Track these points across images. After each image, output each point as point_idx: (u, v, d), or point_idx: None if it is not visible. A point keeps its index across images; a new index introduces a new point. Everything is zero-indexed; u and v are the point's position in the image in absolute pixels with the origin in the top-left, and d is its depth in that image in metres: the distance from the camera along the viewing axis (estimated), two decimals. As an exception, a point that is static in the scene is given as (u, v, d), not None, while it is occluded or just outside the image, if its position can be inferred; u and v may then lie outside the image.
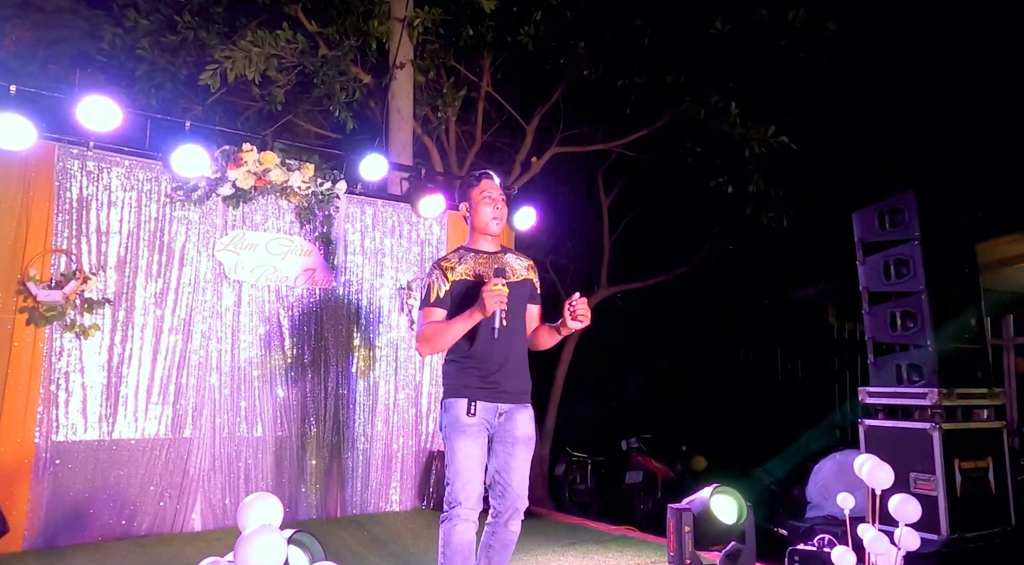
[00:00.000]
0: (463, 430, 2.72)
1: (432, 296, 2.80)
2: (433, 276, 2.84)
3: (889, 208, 4.67)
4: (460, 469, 2.67)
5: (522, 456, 2.79)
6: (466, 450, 2.70)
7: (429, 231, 5.85)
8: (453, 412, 2.75)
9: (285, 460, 5.02)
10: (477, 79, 6.98)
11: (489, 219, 2.85)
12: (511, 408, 2.81)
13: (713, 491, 3.09)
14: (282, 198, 5.06)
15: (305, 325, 5.19)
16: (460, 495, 2.65)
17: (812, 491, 5.06)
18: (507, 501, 2.75)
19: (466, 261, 2.85)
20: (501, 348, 2.79)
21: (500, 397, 2.78)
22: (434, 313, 2.80)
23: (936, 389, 4.29)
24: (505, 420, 2.80)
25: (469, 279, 2.81)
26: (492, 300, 2.56)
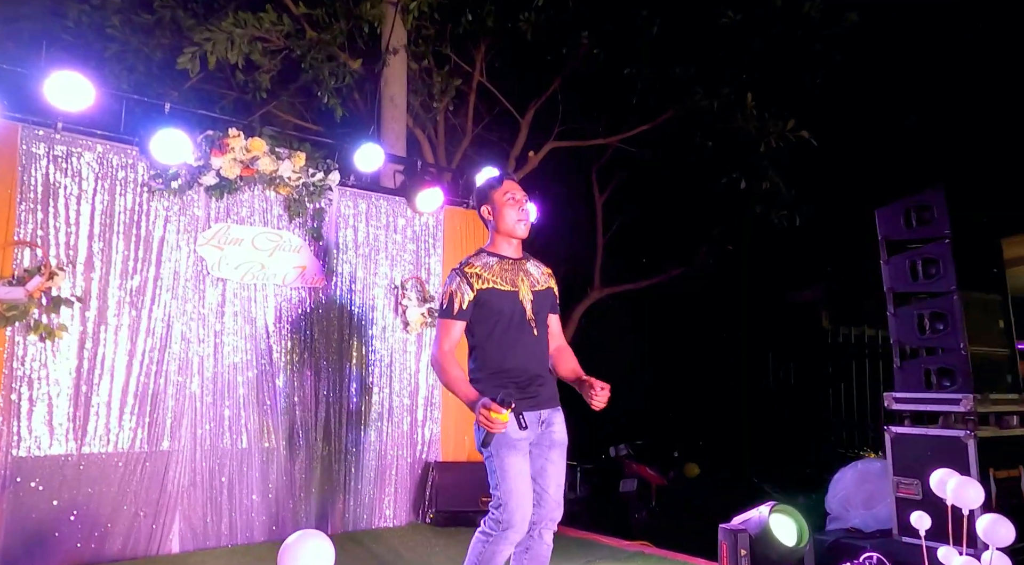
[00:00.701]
0: (514, 445, 2.54)
1: (455, 307, 2.62)
2: (455, 284, 2.65)
3: (916, 205, 4.47)
4: (514, 487, 2.50)
5: (559, 461, 2.67)
6: (518, 466, 2.53)
7: (425, 227, 5.50)
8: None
9: (272, 474, 4.62)
10: (470, 69, 6.66)
11: (515, 222, 2.69)
12: (550, 413, 2.69)
13: (771, 510, 2.81)
14: (270, 189, 4.67)
15: (294, 327, 4.80)
16: (515, 517, 2.49)
17: (832, 502, 4.84)
18: (543, 509, 2.62)
19: (491, 268, 2.68)
20: (535, 359, 2.69)
21: (542, 404, 2.65)
22: (455, 327, 2.64)
23: (971, 395, 4.09)
24: (546, 425, 2.67)
25: (497, 288, 2.64)
26: (486, 424, 2.39)
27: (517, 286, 2.66)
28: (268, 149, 4.50)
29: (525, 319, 2.64)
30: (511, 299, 2.63)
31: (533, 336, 2.65)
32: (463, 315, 2.61)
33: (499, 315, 2.61)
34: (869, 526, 4.52)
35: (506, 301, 2.62)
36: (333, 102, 5.45)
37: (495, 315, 2.61)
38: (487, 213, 2.73)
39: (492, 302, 2.61)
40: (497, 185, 2.72)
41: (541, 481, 2.61)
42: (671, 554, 4.38)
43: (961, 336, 4.18)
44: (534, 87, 6.82)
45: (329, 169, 4.78)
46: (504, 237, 2.72)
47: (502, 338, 2.60)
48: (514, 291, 2.65)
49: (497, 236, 2.74)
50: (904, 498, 4.33)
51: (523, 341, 2.62)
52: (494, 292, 2.62)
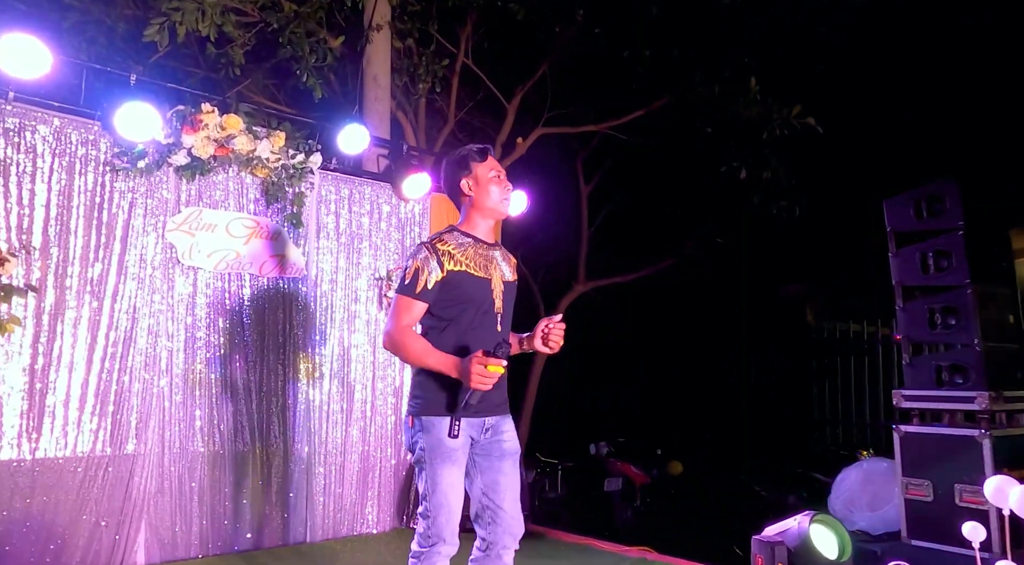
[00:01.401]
0: (448, 455, 2.27)
1: (418, 284, 2.30)
2: (422, 258, 2.33)
3: (927, 196, 4.32)
4: (444, 501, 2.25)
5: (511, 472, 2.40)
6: (451, 478, 2.27)
7: (410, 214, 5.20)
8: (434, 434, 2.28)
9: (247, 478, 4.29)
10: (455, 50, 6.34)
11: (499, 200, 2.44)
12: (497, 420, 2.40)
13: (811, 521, 2.59)
14: (247, 171, 4.31)
15: (272, 320, 4.46)
16: (445, 531, 2.25)
17: (835, 502, 4.68)
18: (500, 527, 2.34)
19: (465, 249, 2.39)
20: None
21: (487, 410, 2.34)
22: (415, 307, 2.33)
23: (986, 392, 3.95)
24: (492, 434, 2.38)
25: (470, 272, 2.36)
26: (480, 381, 2.10)
27: (490, 274, 2.40)
28: (245, 127, 4.14)
29: (493, 311, 2.38)
30: (483, 287, 2.37)
31: (496, 331, 2.38)
32: (426, 295, 2.31)
33: (467, 303, 2.33)
34: (876, 529, 4.37)
35: (477, 288, 2.35)
36: (312, 81, 5.09)
37: (462, 302, 2.33)
38: (467, 187, 2.43)
39: (462, 287, 2.33)
40: (480, 159, 2.44)
41: (494, 496, 2.34)
42: (675, 560, 4.16)
43: (975, 331, 4.04)
44: (522, 71, 6.53)
45: (311, 150, 4.45)
46: (483, 216, 2.45)
47: (464, 328, 2.33)
48: (487, 279, 2.39)
49: (474, 213, 2.45)
50: (913, 499, 4.18)
51: (483, 336, 2.33)
52: (466, 276, 2.34)
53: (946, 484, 4.04)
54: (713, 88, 5.43)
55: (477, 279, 2.35)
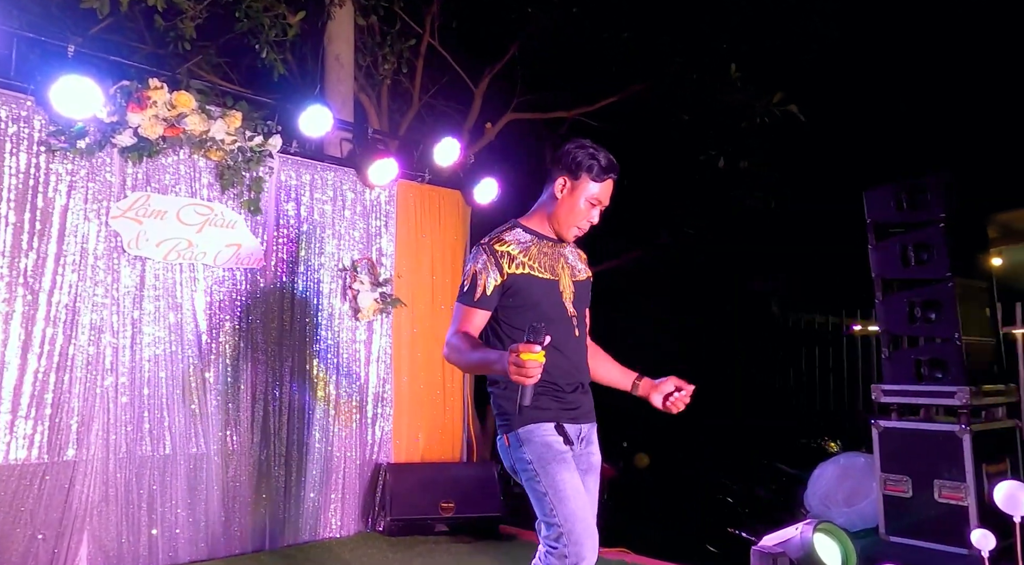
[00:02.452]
0: (560, 457, 2.05)
1: (477, 292, 2.11)
2: (480, 262, 2.13)
3: (909, 187, 4.25)
4: (576, 509, 1.99)
5: (593, 488, 2.23)
6: (575, 483, 2.03)
7: (375, 202, 4.93)
8: (541, 439, 2.07)
9: (201, 483, 4.00)
10: (420, 30, 6.06)
11: (572, 224, 2.19)
12: (589, 428, 2.25)
13: (814, 530, 2.46)
14: (200, 154, 3.99)
15: (227, 314, 4.17)
16: (585, 547, 1.98)
17: (811, 498, 4.62)
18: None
19: (527, 247, 2.18)
20: (578, 363, 2.22)
21: (582, 417, 2.19)
22: (475, 317, 2.13)
23: (966, 387, 3.91)
24: (585, 444, 2.21)
25: (535, 275, 2.15)
26: (518, 373, 1.80)
27: (557, 274, 2.19)
28: (197, 106, 3.83)
29: (567, 315, 2.18)
30: (550, 289, 2.17)
31: (575, 336, 2.19)
32: (486, 303, 2.11)
33: (535, 308, 2.13)
34: (854, 525, 4.31)
35: (544, 291, 2.15)
36: (273, 57, 4.76)
37: (530, 305, 2.13)
38: (559, 188, 2.18)
39: (527, 291, 2.13)
40: (599, 177, 2.16)
41: None
42: (653, 562, 4.04)
43: (956, 325, 3.99)
44: (491, 53, 6.28)
45: (270, 132, 4.15)
46: (551, 222, 2.22)
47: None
48: (554, 280, 2.18)
49: (543, 215, 2.23)
50: (892, 495, 4.14)
51: (564, 341, 2.14)
52: (530, 279, 2.14)
53: (925, 480, 4.00)
54: (692, 74, 5.28)
55: (543, 281, 2.16)
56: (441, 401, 5.16)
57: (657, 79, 5.59)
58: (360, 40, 5.62)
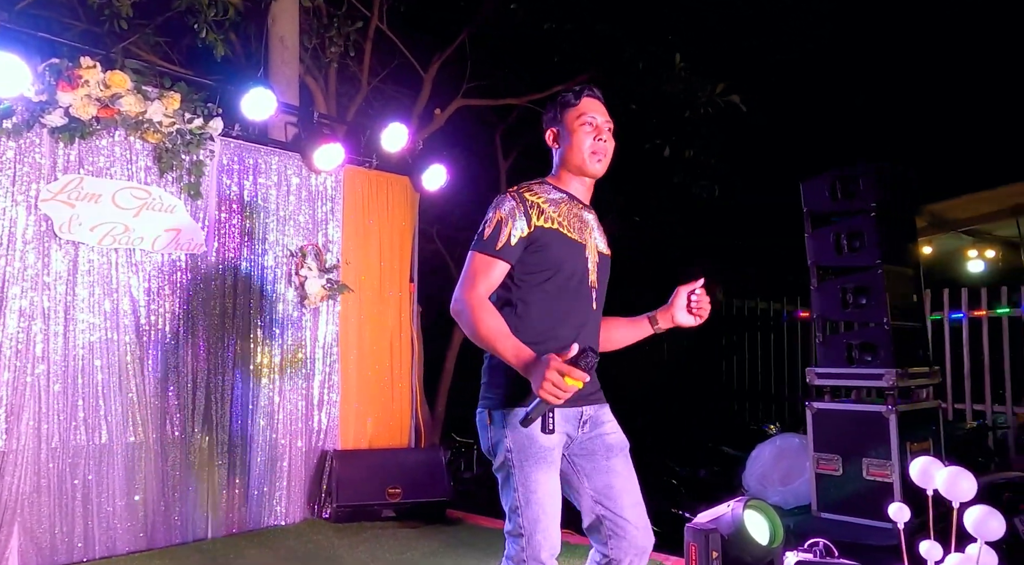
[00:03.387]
0: (543, 455, 1.85)
1: (499, 239, 1.87)
2: (507, 209, 1.91)
3: (842, 177, 4.40)
4: (541, 514, 1.83)
5: (624, 470, 1.98)
6: (549, 485, 1.85)
7: (321, 188, 4.87)
8: (527, 429, 1.83)
9: (139, 473, 3.92)
10: (368, 13, 5.98)
11: (587, 153, 1.99)
12: (596, 410, 2.00)
13: (745, 506, 2.56)
14: (136, 136, 3.89)
15: (167, 300, 4.08)
16: (543, 553, 1.83)
17: (749, 478, 4.78)
18: (624, 541, 1.93)
19: (558, 204, 1.98)
20: (592, 337, 2.00)
21: (586, 397, 1.94)
22: (495, 268, 1.88)
23: (894, 370, 4.09)
24: (591, 427, 1.97)
25: (564, 232, 1.94)
26: (553, 393, 1.64)
27: (584, 240, 1.99)
28: (133, 87, 3.72)
29: (587, 285, 1.97)
30: (577, 252, 1.96)
31: (591, 309, 1.99)
32: (508, 253, 1.87)
33: (557, 269, 1.92)
34: (788, 503, 4.48)
35: (570, 253, 1.94)
36: (213, 37, 4.64)
37: (552, 267, 1.91)
38: (551, 138, 2.06)
39: (552, 248, 1.91)
40: (573, 101, 2.02)
41: (610, 504, 1.93)
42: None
43: (885, 310, 4.17)
44: (440, 39, 6.23)
45: (210, 115, 4.06)
46: (573, 173, 2.03)
47: (552, 302, 1.92)
48: (581, 244, 1.98)
49: (563, 172, 2.04)
50: (824, 474, 4.31)
51: (581, 310, 1.95)
52: (558, 236, 1.92)
53: (854, 458, 4.18)
54: (638, 63, 5.34)
55: (571, 242, 1.95)
56: (389, 388, 5.15)
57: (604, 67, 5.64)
58: (306, 22, 5.52)
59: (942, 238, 7.31)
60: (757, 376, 8.50)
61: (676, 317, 2.14)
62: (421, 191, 5.33)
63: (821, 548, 3.04)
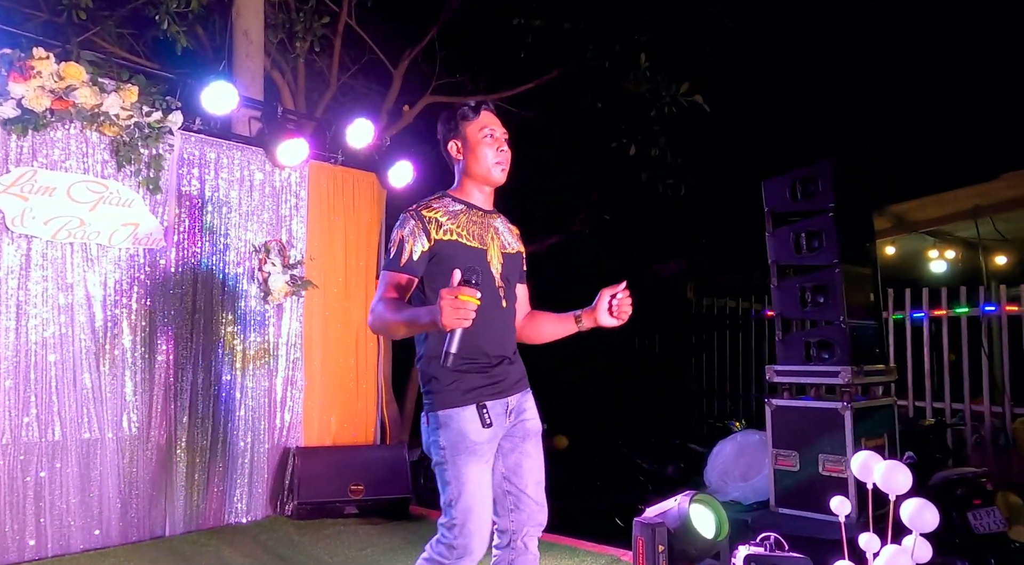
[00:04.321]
0: (473, 450, 2.02)
1: (403, 256, 2.05)
2: (408, 228, 2.07)
3: (802, 177, 4.45)
4: (473, 505, 1.99)
5: (535, 454, 2.17)
6: (479, 478, 2.01)
7: (286, 183, 4.84)
8: (457, 427, 2.03)
9: (94, 470, 3.88)
10: (336, 8, 5.95)
11: (491, 164, 2.17)
12: (519, 399, 2.18)
13: (691, 500, 2.59)
14: (92, 128, 3.84)
15: (124, 295, 4.03)
16: (473, 541, 1.99)
17: (711, 475, 4.81)
18: (523, 513, 2.12)
19: (456, 215, 2.14)
20: (503, 335, 2.15)
21: (509, 389, 2.12)
22: (400, 282, 2.07)
23: (849, 367, 4.14)
24: (516, 415, 2.15)
25: (461, 241, 2.10)
26: (454, 316, 1.75)
27: (485, 244, 2.16)
28: (89, 79, 3.67)
29: (493, 286, 2.13)
30: (477, 258, 2.11)
31: (501, 307, 2.15)
32: (412, 268, 2.05)
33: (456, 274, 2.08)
34: (748, 498, 4.52)
35: (472, 259, 2.09)
36: (174, 29, 4.59)
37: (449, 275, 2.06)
38: (455, 150, 2.21)
39: (454, 258, 2.05)
40: (472, 115, 2.19)
41: (516, 480, 2.12)
42: (557, 538, 4.13)
43: (841, 309, 4.22)
44: (410, 35, 6.22)
45: (169, 108, 4.01)
46: (476, 182, 2.20)
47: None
48: (482, 249, 2.14)
49: (467, 180, 2.21)
50: (781, 470, 4.36)
51: (491, 312, 2.08)
52: (457, 246, 2.09)
53: (811, 455, 4.23)
54: (604, 62, 5.37)
55: (470, 249, 2.11)
56: (354, 384, 5.14)
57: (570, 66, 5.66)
58: (273, 16, 5.48)
59: (905, 239, 7.42)
60: (726, 374, 8.58)
61: (599, 318, 2.23)
62: (388, 188, 5.31)
63: (772, 542, 3.08)
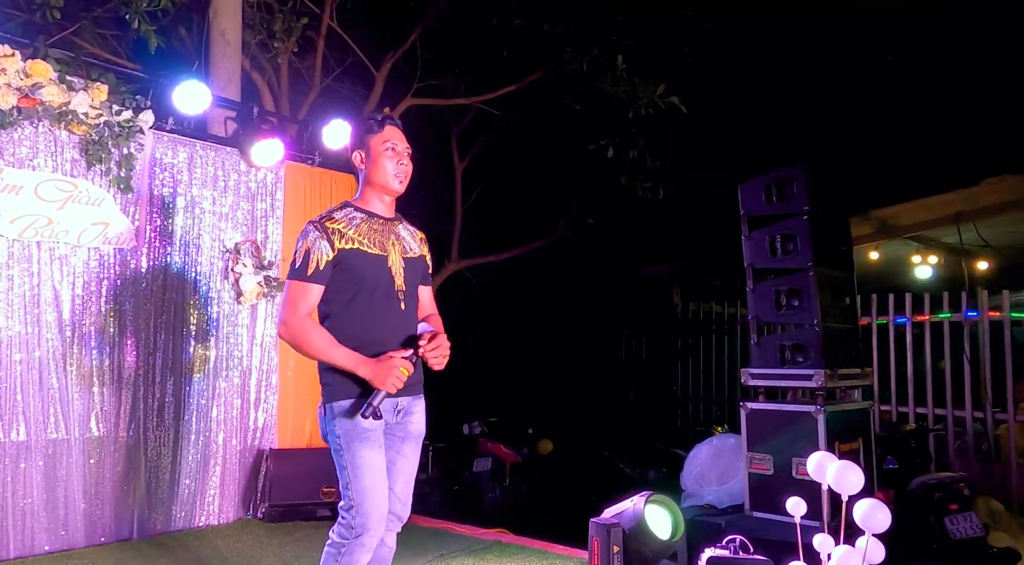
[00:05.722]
0: (365, 436, 2.18)
1: (310, 266, 2.18)
2: (311, 239, 2.20)
3: (777, 180, 4.44)
4: (368, 486, 2.15)
5: (411, 455, 2.36)
6: (373, 461, 2.17)
7: (262, 184, 4.82)
8: (349, 417, 2.20)
9: (61, 470, 3.84)
10: (319, 11, 5.94)
11: (391, 176, 2.30)
12: (410, 401, 2.34)
13: (646, 501, 2.57)
14: (60, 127, 3.81)
15: (94, 295, 4.01)
16: (371, 519, 2.14)
17: (687, 478, 4.78)
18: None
19: (357, 225, 2.27)
20: (402, 333, 2.28)
21: (402, 391, 2.23)
22: (311, 292, 2.20)
23: (822, 370, 4.13)
24: (403, 415, 2.31)
25: (362, 249, 2.24)
26: (392, 380, 2.11)
27: (386, 250, 2.28)
28: (56, 76, 3.65)
29: (393, 289, 2.27)
30: (378, 264, 2.25)
31: (400, 310, 2.28)
32: (319, 277, 2.18)
33: (361, 282, 2.22)
34: (723, 502, 4.50)
35: (371, 266, 2.24)
36: (146, 28, 4.57)
37: (356, 282, 2.22)
38: (359, 161, 2.33)
39: (355, 266, 2.21)
40: (376, 129, 2.32)
41: (388, 476, 2.27)
42: (529, 541, 4.12)
43: (815, 312, 4.21)
44: (392, 37, 6.22)
45: (140, 107, 4.00)
46: (376, 192, 2.33)
47: (363, 310, 2.23)
48: (382, 255, 2.27)
49: (368, 189, 2.34)
50: (756, 473, 4.33)
51: (387, 315, 2.24)
52: (358, 254, 2.22)
53: (785, 458, 4.20)
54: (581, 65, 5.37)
55: (372, 256, 2.24)
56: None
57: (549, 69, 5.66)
58: (252, 17, 5.47)
59: (889, 244, 7.40)
60: (712, 378, 8.56)
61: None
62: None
63: (737, 544, 3.06)
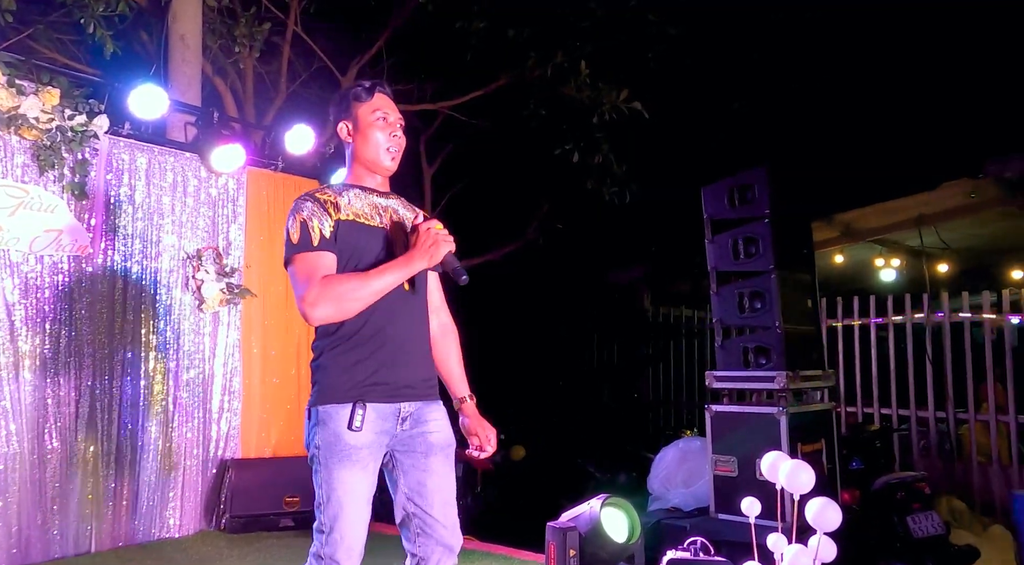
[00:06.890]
0: (346, 454, 1.83)
1: (314, 237, 1.85)
2: (307, 211, 1.88)
3: (739, 184, 4.49)
4: (339, 512, 1.83)
5: (441, 470, 1.96)
6: (350, 484, 1.83)
7: (223, 190, 4.76)
8: (331, 427, 1.85)
9: (12, 484, 3.73)
10: (283, 16, 5.90)
11: (382, 149, 1.97)
12: (419, 407, 1.95)
13: (603, 504, 2.56)
14: (10, 132, 3.73)
15: (47, 304, 3.91)
16: (339, 549, 1.84)
17: (653, 482, 4.80)
18: (431, 539, 1.92)
19: (351, 199, 1.94)
20: (407, 325, 1.94)
21: (401, 394, 1.91)
22: (323, 259, 1.85)
23: (784, 372, 4.17)
24: (412, 424, 1.94)
25: (360, 221, 1.91)
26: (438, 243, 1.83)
27: (385, 223, 1.96)
28: (5, 80, 3.58)
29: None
30: (378, 237, 1.93)
31: (404, 290, 1.92)
32: (327, 245, 1.85)
33: (360, 256, 1.89)
34: (689, 505, 4.52)
35: (371, 238, 1.91)
36: (101, 33, 4.50)
37: (355, 256, 1.88)
38: (345, 133, 2.00)
39: (352, 238, 1.88)
40: (365, 97, 1.99)
41: (420, 502, 1.92)
42: (493, 547, 4.10)
43: (777, 315, 4.25)
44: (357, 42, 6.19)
45: (93, 112, 3.92)
46: (366, 169, 2.00)
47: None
48: (381, 227, 1.95)
49: (356, 167, 2.02)
50: (721, 475, 4.36)
51: (390, 296, 1.86)
52: (356, 226, 1.90)
53: (748, 459, 4.23)
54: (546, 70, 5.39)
55: (370, 228, 1.92)
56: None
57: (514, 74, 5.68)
58: (214, 22, 5.41)
59: (854, 247, 7.52)
60: (682, 382, 8.61)
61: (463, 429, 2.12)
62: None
63: (698, 546, 3.07)
